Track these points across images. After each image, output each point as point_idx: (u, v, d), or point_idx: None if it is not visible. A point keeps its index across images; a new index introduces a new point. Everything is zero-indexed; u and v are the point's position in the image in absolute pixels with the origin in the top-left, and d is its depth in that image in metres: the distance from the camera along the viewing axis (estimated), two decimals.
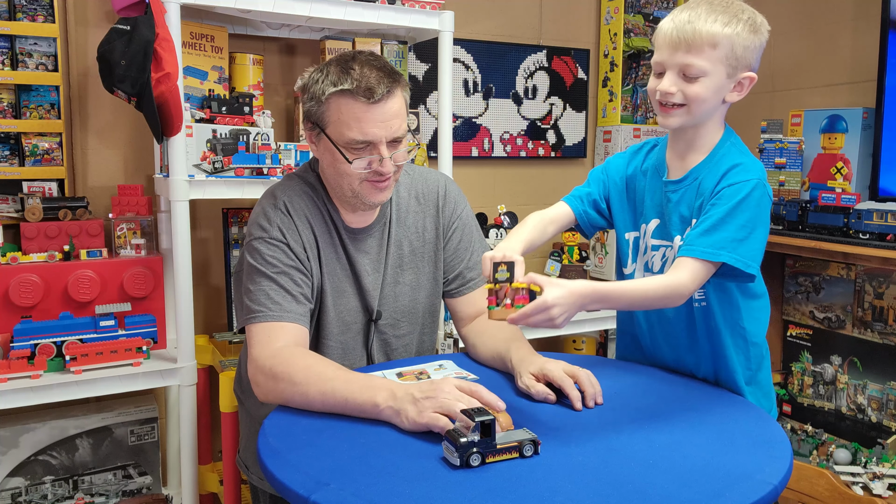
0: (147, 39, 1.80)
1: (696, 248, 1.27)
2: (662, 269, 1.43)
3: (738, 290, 1.39)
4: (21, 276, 1.88)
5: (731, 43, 1.29)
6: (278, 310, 1.38)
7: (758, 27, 1.32)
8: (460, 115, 2.88)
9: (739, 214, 1.28)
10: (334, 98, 1.37)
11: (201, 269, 2.42)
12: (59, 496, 2.05)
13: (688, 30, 1.29)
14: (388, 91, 1.36)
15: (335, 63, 1.39)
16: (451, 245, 1.62)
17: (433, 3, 2.23)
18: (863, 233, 2.28)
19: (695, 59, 1.29)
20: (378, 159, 1.39)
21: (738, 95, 1.34)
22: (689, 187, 1.39)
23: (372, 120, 1.36)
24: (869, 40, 2.57)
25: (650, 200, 1.47)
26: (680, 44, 1.30)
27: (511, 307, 1.16)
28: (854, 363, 2.54)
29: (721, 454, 1.07)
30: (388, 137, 1.39)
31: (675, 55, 1.32)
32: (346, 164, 1.39)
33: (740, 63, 1.31)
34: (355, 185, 1.42)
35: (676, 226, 1.40)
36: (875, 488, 2.22)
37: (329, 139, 1.40)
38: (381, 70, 1.38)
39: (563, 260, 2.84)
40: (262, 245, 1.42)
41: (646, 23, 3.16)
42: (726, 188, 1.30)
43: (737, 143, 1.40)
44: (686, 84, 1.31)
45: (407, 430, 1.14)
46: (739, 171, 1.32)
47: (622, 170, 1.54)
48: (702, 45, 1.29)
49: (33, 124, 2.08)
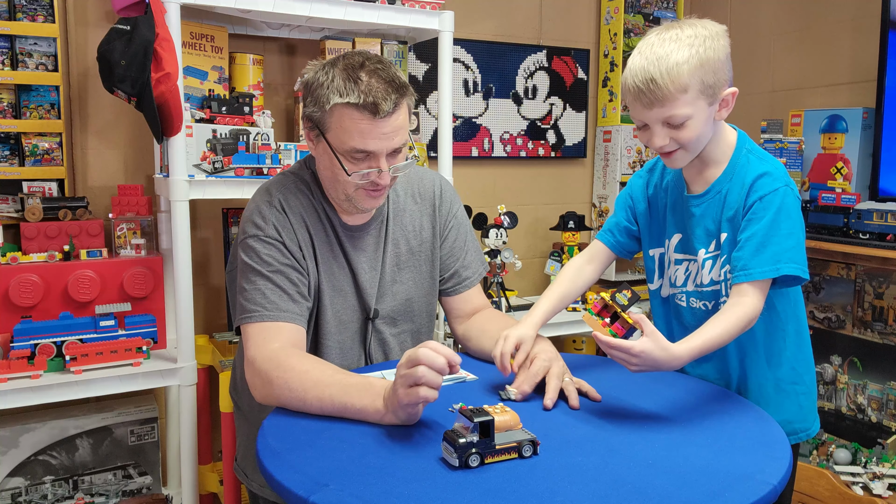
0: (147, 39, 1.80)
1: (753, 271, 1.27)
2: (686, 283, 1.43)
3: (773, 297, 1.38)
4: (21, 276, 1.88)
5: (699, 77, 1.25)
6: (274, 309, 1.36)
7: (716, 42, 1.27)
8: (460, 115, 2.88)
9: (781, 224, 1.27)
10: (338, 108, 1.33)
11: (201, 269, 2.42)
12: (59, 496, 2.05)
13: (653, 87, 1.24)
14: (394, 106, 1.33)
15: (341, 67, 1.35)
16: (447, 244, 1.62)
17: (433, 3, 2.23)
18: (863, 233, 2.28)
19: (673, 110, 1.26)
20: (377, 172, 1.37)
21: (727, 111, 1.32)
22: (712, 200, 1.38)
23: (375, 134, 1.34)
24: (869, 40, 2.57)
25: (672, 216, 1.47)
26: (653, 102, 1.26)
27: (606, 326, 1.20)
28: (854, 363, 2.54)
29: (721, 454, 1.07)
30: (388, 150, 1.37)
31: (651, 112, 1.28)
32: (343, 173, 1.37)
33: (716, 87, 1.28)
34: (350, 192, 1.40)
35: (701, 239, 1.40)
36: (875, 488, 2.22)
37: (329, 145, 1.38)
38: (389, 83, 1.34)
39: (563, 260, 2.84)
40: (257, 243, 1.40)
41: (646, 23, 3.16)
42: (758, 202, 1.29)
43: (753, 149, 1.38)
44: (675, 131, 1.29)
45: (409, 421, 1.15)
46: (765, 181, 1.30)
47: (644, 190, 1.54)
48: (673, 95, 1.24)
49: (33, 124, 2.08)
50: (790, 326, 1.41)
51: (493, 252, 2.64)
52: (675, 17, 3.23)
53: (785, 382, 1.40)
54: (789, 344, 1.41)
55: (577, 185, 3.20)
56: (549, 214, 3.08)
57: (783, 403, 1.41)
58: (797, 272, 1.27)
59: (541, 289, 3.10)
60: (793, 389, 1.41)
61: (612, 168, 3.11)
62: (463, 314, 1.65)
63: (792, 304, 1.41)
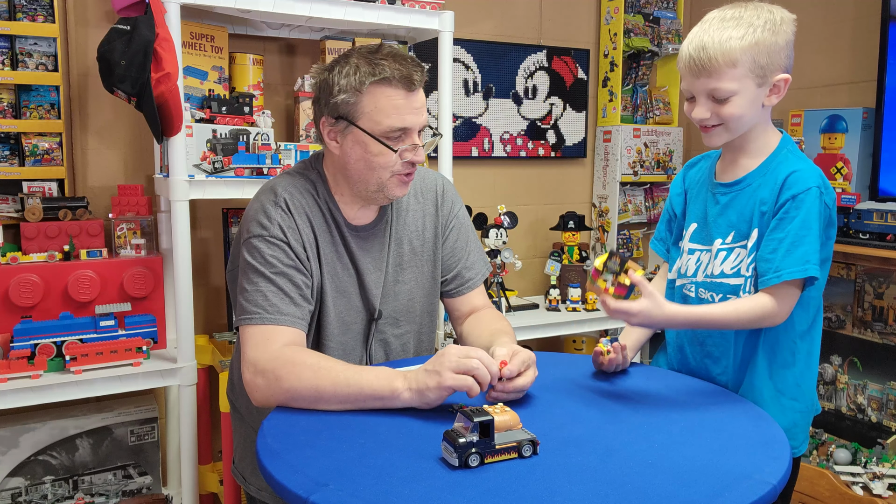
0: (147, 39, 1.80)
1: (783, 272, 1.26)
2: (696, 273, 1.42)
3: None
4: (21, 276, 1.88)
5: (752, 55, 1.26)
6: (275, 312, 1.35)
7: (778, 27, 1.29)
8: (460, 115, 2.88)
9: (813, 224, 1.27)
10: (373, 87, 1.36)
11: (201, 269, 2.42)
12: (59, 496, 2.05)
13: (703, 56, 1.27)
14: (421, 79, 1.40)
15: (359, 56, 1.39)
16: (448, 243, 1.62)
17: (433, 3, 2.23)
18: (863, 233, 2.28)
19: (719, 83, 1.28)
20: (412, 147, 1.41)
21: (777, 97, 1.32)
22: (741, 192, 1.37)
23: (409, 108, 1.38)
24: (869, 40, 2.57)
25: (693, 205, 1.47)
26: (700, 71, 1.28)
27: (608, 291, 1.28)
28: (854, 363, 2.54)
29: (720, 454, 1.07)
30: (420, 125, 1.42)
31: (698, 82, 1.30)
32: (381, 156, 1.39)
33: (768, 69, 1.29)
34: (385, 178, 1.42)
35: (721, 228, 1.39)
36: (875, 488, 2.23)
37: (363, 131, 1.38)
38: (410, 60, 1.40)
39: (563, 260, 2.84)
40: (261, 243, 1.39)
41: (646, 23, 3.16)
42: (790, 201, 1.29)
43: (794, 150, 1.37)
44: (718, 106, 1.30)
45: (432, 403, 1.19)
46: (798, 179, 1.29)
47: (680, 186, 1.55)
48: (721, 68, 1.27)
49: (33, 124, 2.08)
50: (804, 345, 1.39)
51: (493, 252, 2.64)
52: (675, 18, 3.23)
53: (785, 397, 1.38)
54: (798, 361, 1.38)
55: (577, 185, 3.20)
56: (549, 214, 3.08)
57: (777, 416, 1.39)
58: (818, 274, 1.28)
59: (541, 289, 3.10)
60: (791, 406, 1.39)
61: (612, 168, 3.11)
62: (463, 315, 1.65)
63: (810, 323, 1.39)
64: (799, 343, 1.38)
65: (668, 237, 1.57)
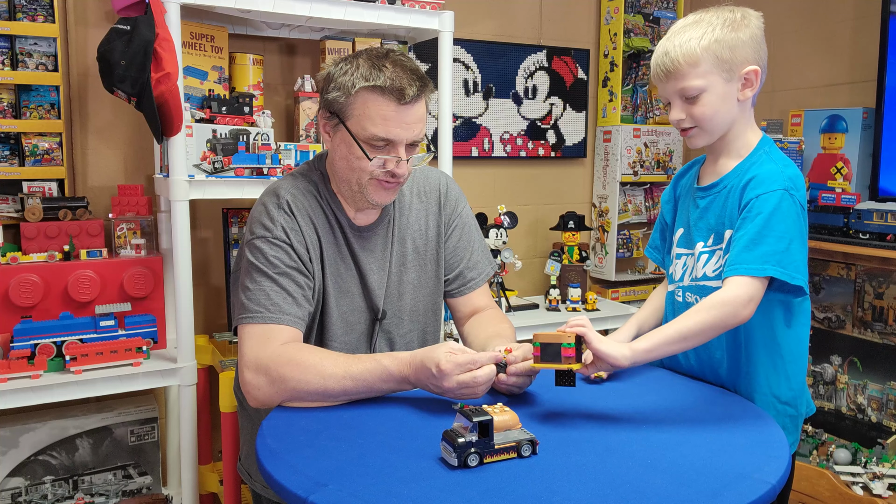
0: (147, 39, 1.80)
1: (740, 266, 1.26)
2: (682, 278, 1.44)
3: (780, 306, 1.36)
4: (21, 276, 1.88)
5: (713, 52, 1.30)
6: (276, 311, 1.36)
7: (738, 23, 1.32)
8: (460, 115, 2.88)
9: (775, 226, 1.26)
10: (363, 92, 1.36)
11: (201, 269, 2.42)
12: (59, 496, 2.05)
13: (667, 61, 1.33)
14: (417, 94, 1.37)
15: (365, 57, 1.39)
16: (451, 243, 1.62)
17: (433, 3, 2.23)
18: (863, 233, 2.28)
19: (685, 82, 1.32)
20: (395, 160, 1.39)
21: (752, 90, 1.34)
22: (717, 195, 1.38)
23: (398, 121, 1.36)
24: (869, 40, 2.57)
25: (680, 212, 1.49)
26: (668, 74, 1.34)
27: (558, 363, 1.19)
28: (854, 363, 2.54)
29: (719, 454, 1.07)
30: (408, 140, 1.39)
31: (668, 85, 1.36)
32: (361, 160, 1.38)
33: (734, 63, 1.31)
34: (364, 181, 1.41)
35: (701, 232, 1.40)
36: (875, 488, 2.23)
37: (349, 132, 1.39)
38: (413, 72, 1.38)
39: (563, 260, 2.84)
40: (264, 244, 1.40)
41: (646, 23, 3.16)
42: (754, 200, 1.29)
43: (771, 151, 1.37)
44: (690, 107, 1.34)
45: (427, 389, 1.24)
46: (762, 180, 1.30)
47: (671, 195, 1.56)
48: (684, 68, 1.32)
49: (33, 124, 2.08)
50: (792, 343, 1.39)
51: (493, 252, 2.64)
52: (675, 18, 3.23)
53: (778, 400, 1.38)
54: (787, 360, 1.38)
55: (577, 185, 3.20)
56: (549, 214, 3.08)
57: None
58: (784, 277, 1.24)
59: (541, 289, 3.10)
60: (783, 409, 1.39)
61: (612, 168, 3.11)
62: (465, 316, 1.65)
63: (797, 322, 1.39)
64: (787, 342, 1.38)
65: (662, 246, 1.59)
